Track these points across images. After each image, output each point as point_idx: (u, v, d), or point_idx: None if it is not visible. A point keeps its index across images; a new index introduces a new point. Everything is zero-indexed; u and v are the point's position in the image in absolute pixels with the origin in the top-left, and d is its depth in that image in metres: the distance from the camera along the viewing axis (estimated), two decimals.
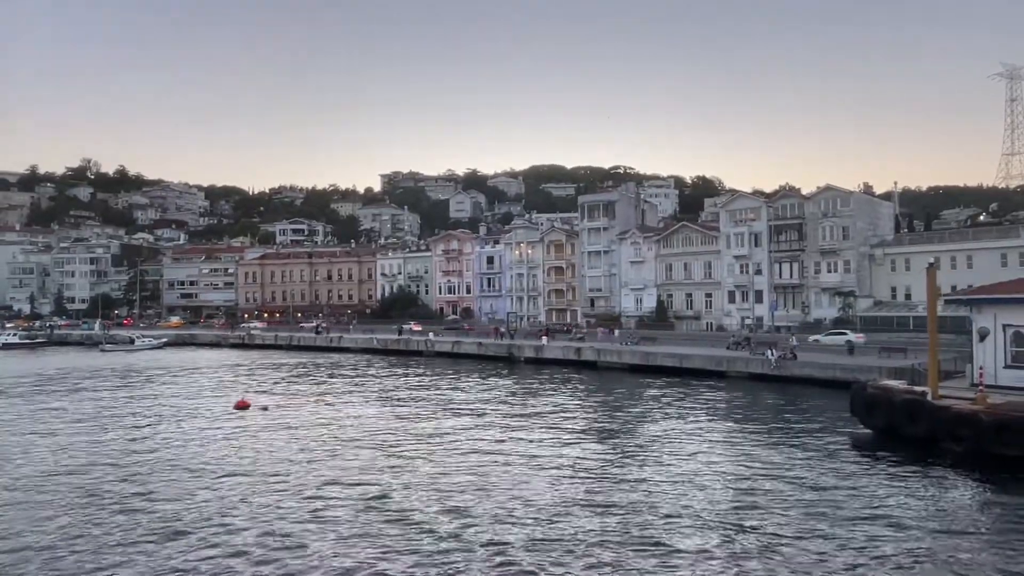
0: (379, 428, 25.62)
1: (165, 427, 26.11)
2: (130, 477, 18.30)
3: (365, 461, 20.28)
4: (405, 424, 26.33)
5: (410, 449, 21.85)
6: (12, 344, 75.96)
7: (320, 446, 22.30)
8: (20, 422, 27.56)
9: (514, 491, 16.69)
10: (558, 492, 16.65)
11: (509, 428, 25.37)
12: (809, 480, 17.40)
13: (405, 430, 25.16)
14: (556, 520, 14.45)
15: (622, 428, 25.48)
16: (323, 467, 19.44)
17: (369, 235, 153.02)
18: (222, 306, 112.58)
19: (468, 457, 20.50)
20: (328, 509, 15.46)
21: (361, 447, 22.23)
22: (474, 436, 23.76)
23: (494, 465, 19.43)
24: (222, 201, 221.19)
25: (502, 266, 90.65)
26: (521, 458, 20.39)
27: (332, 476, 18.42)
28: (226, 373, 46.93)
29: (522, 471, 18.74)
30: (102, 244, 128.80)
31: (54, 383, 41.59)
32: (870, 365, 32.67)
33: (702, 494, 16.28)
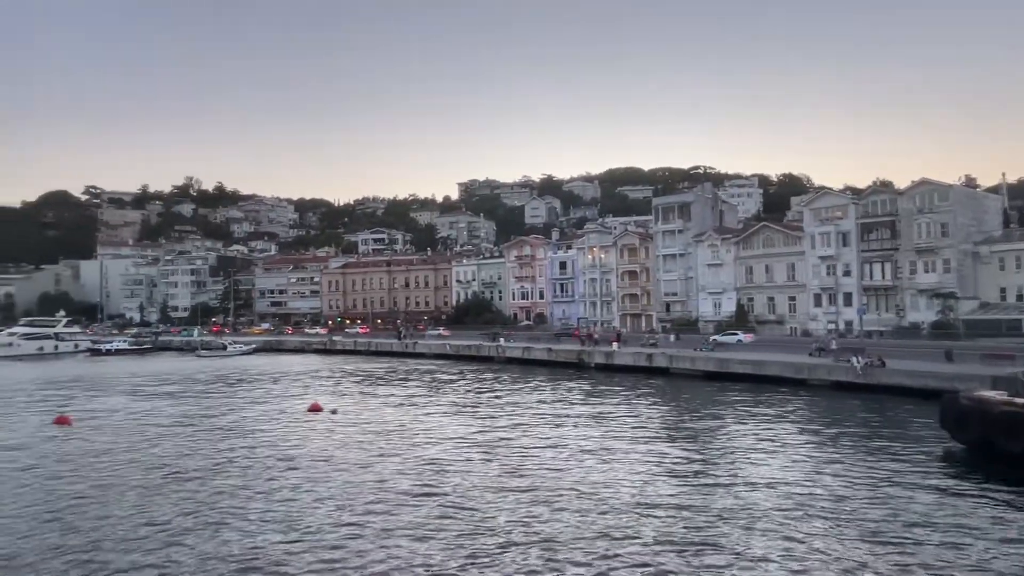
0: (445, 431, 25.93)
1: (243, 426, 27.49)
2: (208, 469, 19.34)
3: (428, 462, 20.57)
4: (471, 428, 26.50)
5: (475, 452, 21.94)
6: (123, 349, 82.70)
7: (382, 448, 22.77)
8: (128, 418, 29.79)
9: (583, 499, 16.37)
10: (630, 501, 16.19)
11: (578, 433, 25.02)
12: (890, 497, 16.07)
13: (471, 433, 25.32)
14: (627, 529, 14.03)
15: (694, 437, 24.54)
16: (382, 466, 19.83)
17: (445, 243, 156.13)
18: (308, 313, 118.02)
19: (533, 461, 20.36)
20: (379, 505, 15.80)
21: (425, 449, 22.57)
22: (540, 440, 23.57)
23: (561, 471, 19.16)
24: (310, 213, 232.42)
25: (574, 271, 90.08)
26: (591, 464, 20.07)
27: (390, 475, 18.78)
28: (306, 378, 48.98)
29: (592, 478, 18.38)
30: (201, 256, 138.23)
31: (158, 385, 44.72)
32: (970, 373, 29.92)
33: (776, 508, 15.37)
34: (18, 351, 74.89)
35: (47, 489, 18.05)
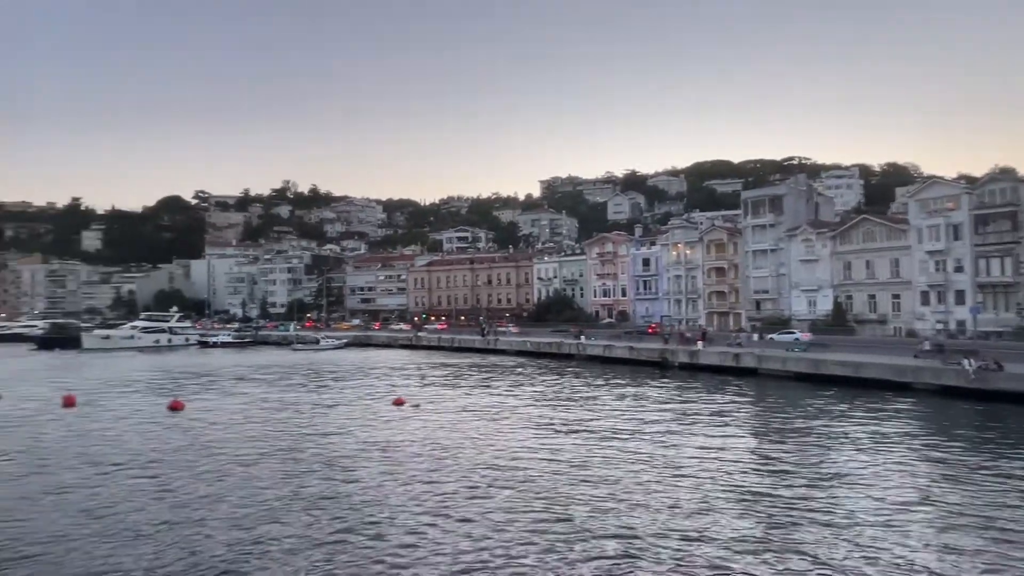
0: (524, 425, 26.15)
1: (333, 417, 28.80)
2: (300, 455, 20.45)
3: (506, 454, 20.89)
4: (550, 422, 26.56)
5: (553, 446, 22.00)
6: (228, 342, 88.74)
7: (461, 440, 23.21)
8: (232, 405, 31.98)
9: (661, 495, 16.10)
10: (710, 501, 15.81)
11: (659, 430, 24.53)
12: (1002, 519, 14.69)
13: (550, 428, 25.40)
14: (706, 528, 13.67)
15: (782, 440, 23.46)
16: (462, 457, 20.25)
17: (527, 240, 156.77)
18: (395, 309, 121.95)
19: (612, 456, 20.16)
20: (458, 493, 16.20)
21: (504, 442, 22.87)
22: (619, 437, 23.28)
23: (640, 467, 18.90)
24: (397, 213, 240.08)
25: (658, 268, 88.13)
26: (671, 462, 19.71)
27: (470, 466, 19.16)
28: (392, 372, 50.64)
29: (672, 476, 18.04)
30: (297, 255, 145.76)
31: (258, 376, 47.64)
32: None
33: (868, 519, 14.47)
34: (138, 343, 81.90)
35: (162, 468, 19.67)
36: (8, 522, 14.69)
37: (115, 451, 22.24)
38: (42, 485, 17.90)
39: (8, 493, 17.12)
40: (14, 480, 18.51)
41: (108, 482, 18.22)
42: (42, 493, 17.12)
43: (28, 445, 23.33)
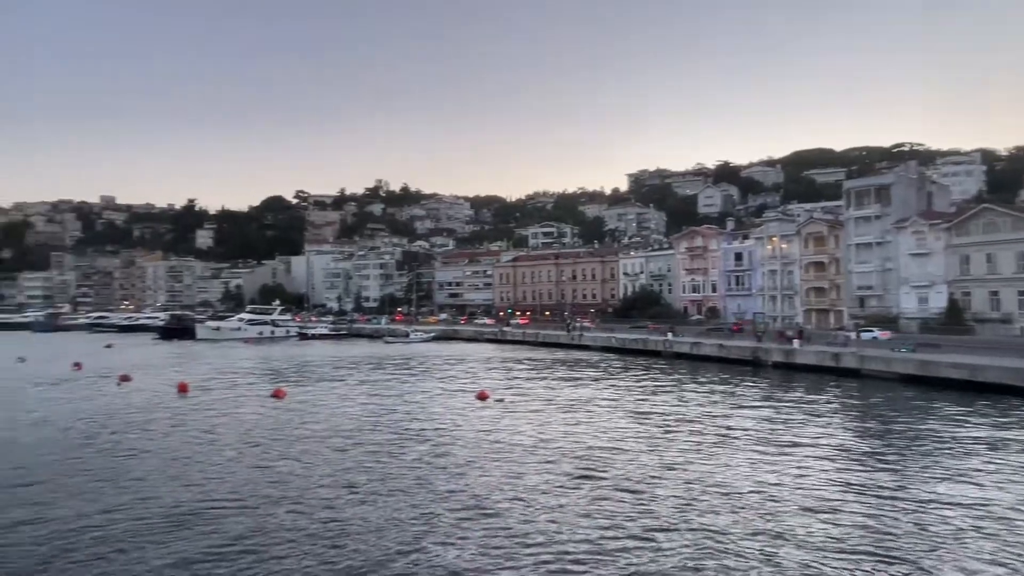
0: (607, 421, 25.90)
1: (421, 408, 29.66)
2: (390, 444, 21.26)
3: (589, 449, 20.81)
4: (635, 419, 26.15)
5: (637, 442, 21.69)
6: (324, 334, 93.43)
7: (544, 433, 23.27)
8: (329, 394, 33.73)
9: (747, 496, 15.56)
10: (800, 505, 15.08)
11: (748, 430, 23.60)
12: None
13: (634, 424, 25.03)
14: (795, 532, 13.08)
15: (883, 446, 21.94)
16: (544, 450, 20.31)
17: (613, 235, 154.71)
18: (482, 304, 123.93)
19: (697, 455, 19.62)
20: (542, 485, 16.25)
21: (586, 436, 22.74)
22: (705, 436, 22.60)
23: (727, 467, 18.27)
24: (484, 209, 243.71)
25: (752, 263, 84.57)
26: (760, 463, 18.89)
27: (553, 459, 19.21)
28: (478, 365, 51.52)
29: (760, 477, 17.32)
30: (388, 251, 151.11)
31: (353, 366, 49.90)
32: None
33: (977, 535, 13.30)
34: (244, 334, 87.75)
35: (263, 450, 21.02)
36: (144, 492, 16.18)
37: (223, 433, 23.95)
38: (163, 461, 19.58)
39: (135, 468, 18.83)
40: (138, 458, 20.31)
41: (216, 459, 19.70)
42: (161, 471, 18.70)
43: (144, 428, 25.53)
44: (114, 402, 31.88)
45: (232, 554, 12.32)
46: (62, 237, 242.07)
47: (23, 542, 12.93)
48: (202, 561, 11.97)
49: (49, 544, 12.77)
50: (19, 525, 13.85)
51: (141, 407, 30.16)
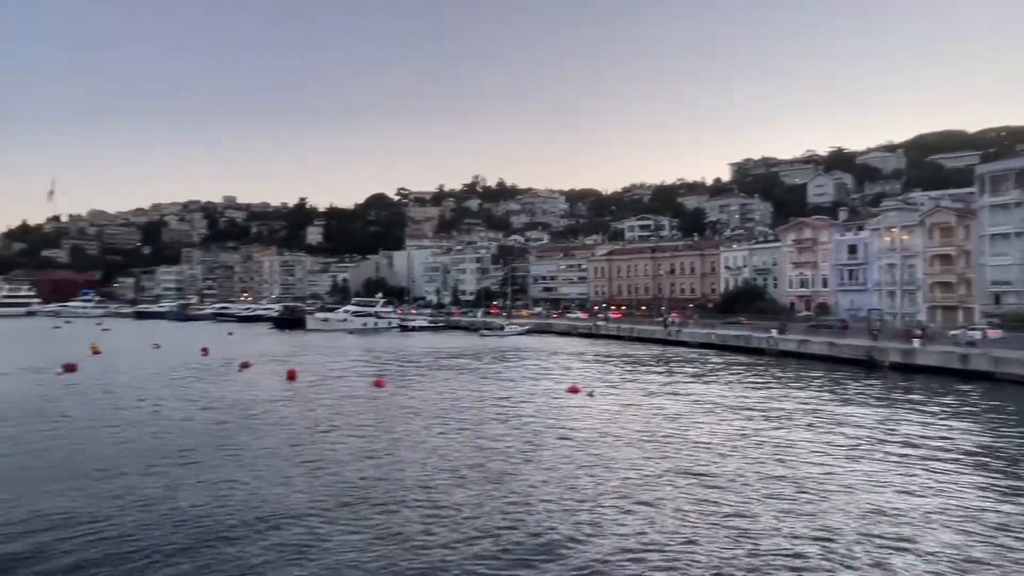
0: (703, 419, 25.14)
1: (513, 400, 30.02)
2: (481, 433, 21.72)
3: (683, 446, 20.32)
4: (732, 417, 25.16)
5: (735, 441, 20.96)
6: (424, 326, 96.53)
7: (636, 430, 22.87)
8: (428, 383, 34.93)
9: (856, 502, 14.62)
10: (915, 512, 14.02)
11: (859, 433, 22.09)
12: None
13: (732, 423, 24.10)
14: (907, 539, 12.19)
15: (1016, 458, 19.81)
16: (637, 447, 19.98)
17: (714, 227, 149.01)
18: (577, 298, 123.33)
19: (801, 457, 18.65)
20: (635, 480, 16.01)
21: (681, 434, 22.19)
22: (811, 438, 21.38)
23: (834, 471, 17.26)
24: (579, 203, 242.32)
25: (867, 256, 78.71)
26: (871, 468, 17.71)
27: (646, 455, 18.89)
28: (570, 359, 51.37)
29: (873, 483, 16.25)
30: (485, 246, 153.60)
31: (450, 358, 51.27)
32: None
33: None
34: (350, 325, 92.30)
35: (366, 435, 22.08)
36: (259, 470, 17.48)
37: (330, 418, 25.35)
38: (277, 442, 21.02)
39: (253, 448, 20.34)
40: (258, 438, 21.89)
41: (322, 441, 20.91)
42: (272, 451, 20.08)
43: (263, 409, 27.45)
44: (236, 387, 34.57)
45: (338, 524, 13.04)
46: (191, 235, 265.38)
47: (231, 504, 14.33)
48: (317, 526, 12.75)
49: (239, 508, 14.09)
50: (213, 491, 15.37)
51: (258, 392, 32.50)
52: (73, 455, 19.14)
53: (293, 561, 11.74)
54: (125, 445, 20.53)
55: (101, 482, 16.32)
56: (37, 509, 14.17)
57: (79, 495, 15.23)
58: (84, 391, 32.01)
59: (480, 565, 11.69)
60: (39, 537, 12.66)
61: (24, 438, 21.30)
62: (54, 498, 14.95)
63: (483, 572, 11.45)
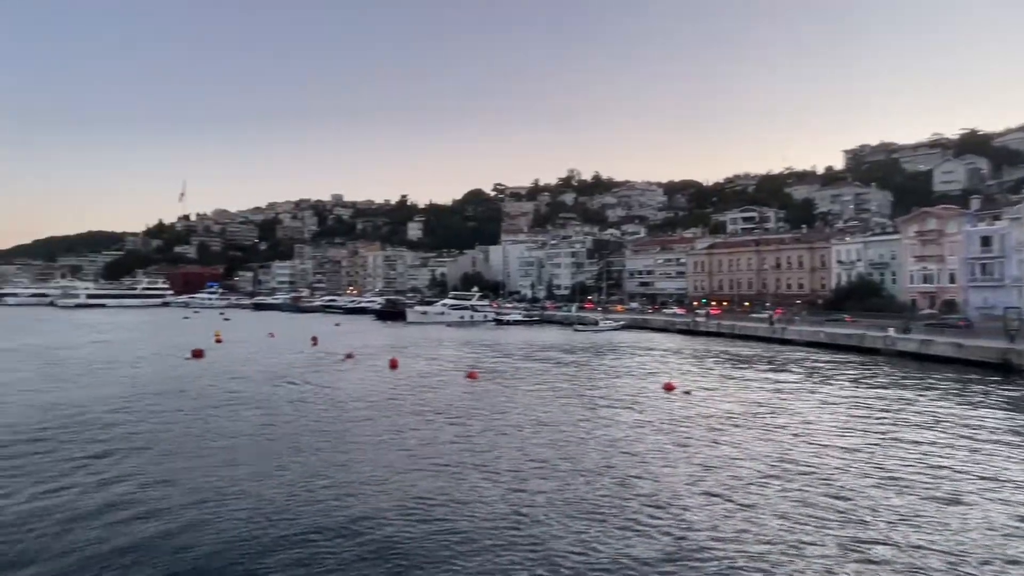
0: (807, 421, 23.79)
1: (606, 396, 29.78)
2: (580, 428, 21.76)
3: (784, 449, 19.41)
4: (839, 421, 23.67)
5: (841, 447, 19.68)
6: (518, 320, 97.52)
7: (734, 430, 22.06)
8: (521, 378, 35.42)
9: (981, 516, 13.43)
10: None
11: (990, 448, 20.15)
12: None
13: (837, 427, 22.67)
14: None
15: None
16: (735, 447, 19.29)
17: (825, 219, 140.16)
18: (674, 294, 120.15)
19: (914, 466, 17.25)
20: (733, 482, 15.50)
21: (781, 436, 21.21)
22: (928, 448, 19.73)
23: (960, 488, 15.86)
24: (678, 195, 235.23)
25: (1004, 248, 71.26)
26: (1005, 484, 16.13)
27: (744, 456, 18.22)
28: (667, 356, 50.19)
29: (1006, 501, 14.82)
30: (579, 240, 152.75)
31: (544, 352, 51.61)
32: None
33: None
34: (447, 318, 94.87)
35: (456, 423, 22.73)
36: (361, 452, 18.50)
37: (429, 405, 26.27)
38: (378, 428, 22.08)
39: (356, 433, 21.47)
40: (357, 423, 23.08)
41: (424, 427, 21.74)
42: (376, 436, 21.09)
43: (367, 395, 28.86)
44: (342, 373, 36.57)
45: (429, 505, 13.56)
46: (303, 231, 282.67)
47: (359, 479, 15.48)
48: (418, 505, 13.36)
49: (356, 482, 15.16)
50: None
51: (363, 379, 34.22)
52: (191, 430, 21.00)
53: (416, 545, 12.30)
54: (240, 423, 22.28)
55: (214, 455, 17.83)
56: (171, 479, 15.71)
57: (199, 465, 16.72)
58: (209, 375, 35.01)
59: (563, 559, 11.74)
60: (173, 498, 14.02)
61: (151, 414, 23.60)
62: (186, 464, 16.51)
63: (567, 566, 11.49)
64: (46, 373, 34.95)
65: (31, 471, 16.30)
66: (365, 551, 11.83)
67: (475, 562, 11.52)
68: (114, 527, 12.72)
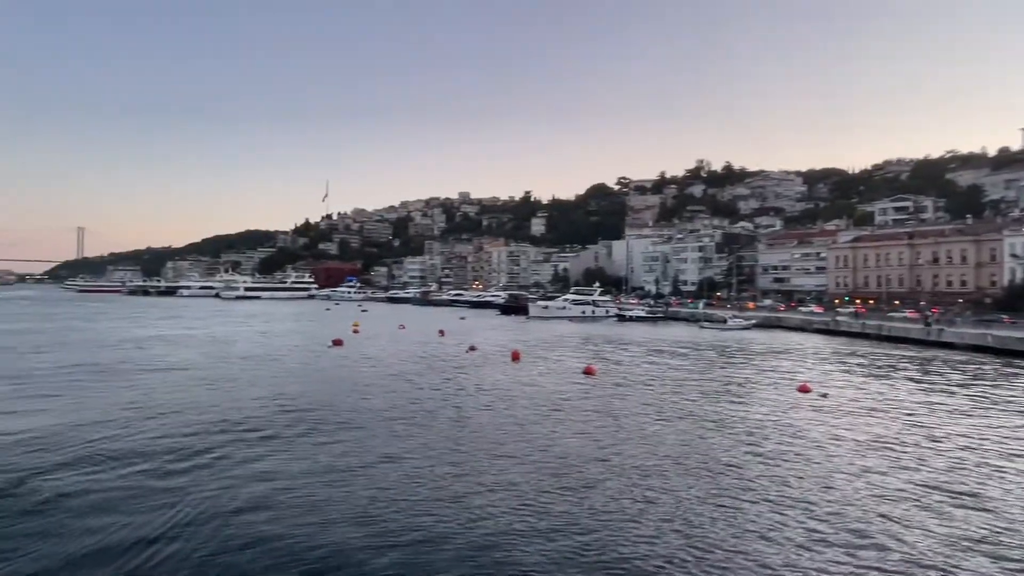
0: (961, 433, 21.31)
1: (730, 395, 28.51)
2: (700, 428, 21.11)
3: (932, 459, 17.62)
4: (993, 437, 20.98)
5: (990, 468, 17.49)
6: (641, 317, 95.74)
7: (873, 437, 20.25)
8: (640, 373, 34.91)
9: None
10: None
11: None
12: None
13: (990, 443, 20.12)
14: None
15: None
16: (871, 455, 17.75)
17: (997, 207, 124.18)
18: (812, 291, 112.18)
19: None
20: (869, 490, 14.29)
21: (927, 447, 19.17)
22: None
23: None
24: (819, 184, 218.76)
25: None
26: None
27: (884, 465, 16.71)
28: (803, 357, 47.05)
29: None
30: (708, 234, 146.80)
31: (667, 349, 50.39)
32: None
33: None
34: (568, 313, 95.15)
35: (581, 418, 22.82)
36: (485, 441, 19.22)
37: (543, 399, 26.60)
38: (502, 419, 22.75)
39: (481, 420, 22.28)
40: (480, 410, 23.89)
41: (541, 419, 22.07)
42: (496, 426, 21.74)
43: (490, 385, 29.75)
44: (467, 363, 37.95)
45: (550, 500, 13.78)
46: (432, 228, 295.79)
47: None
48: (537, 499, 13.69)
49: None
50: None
51: (486, 370, 35.31)
52: (327, 408, 22.75)
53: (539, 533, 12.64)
54: (367, 402, 23.81)
55: (346, 432, 19.20)
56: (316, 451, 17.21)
57: (337, 441, 18.12)
58: (348, 362, 37.76)
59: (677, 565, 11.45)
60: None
61: (299, 394, 25.84)
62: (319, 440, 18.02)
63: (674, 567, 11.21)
64: (219, 356, 39.53)
65: (269, 439, 18.44)
66: (475, 545, 12.17)
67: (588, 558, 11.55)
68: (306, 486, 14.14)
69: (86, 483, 14.62)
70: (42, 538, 11.66)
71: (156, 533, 11.94)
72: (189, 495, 13.92)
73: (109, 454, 16.96)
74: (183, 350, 43.47)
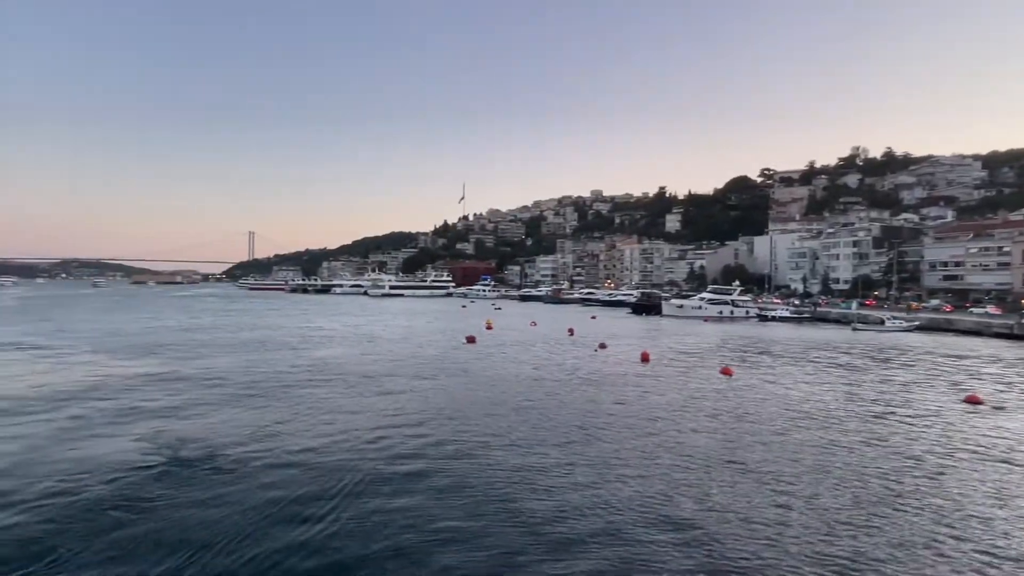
0: None
1: (882, 403, 26.08)
2: (835, 436, 19.67)
3: None
4: None
5: None
6: (785, 317, 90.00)
7: None
8: (779, 377, 33.05)
9: None
10: None
11: None
12: None
13: None
14: None
15: None
16: None
17: None
18: (992, 289, 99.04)
19: None
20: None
21: None
22: None
23: None
24: (1004, 168, 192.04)
25: None
26: None
27: None
28: (976, 364, 41.86)
29: None
30: (863, 228, 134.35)
31: (814, 350, 47.08)
32: None
33: None
34: (705, 312, 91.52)
35: (712, 421, 22.12)
36: (607, 439, 19.33)
37: (673, 401, 25.99)
38: (628, 419, 22.65)
39: (607, 417, 22.34)
40: (607, 409, 23.90)
41: (673, 420, 21.66)
42: (630, 428, 21.65)
43: (619, 384, 29.57)
44: (595, 363, 37.95)
45: (677, 502, 13.61)
46: (564, 227, 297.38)
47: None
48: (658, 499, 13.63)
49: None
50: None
51: (614, 369, 35.15)
52: (457, 400, 23.82)
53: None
54: (492, 393, 24.63)
55: (480, 419, 20.04)
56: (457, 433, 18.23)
57: (472, 423, 19.01)
58: (480, 358, 39.23)
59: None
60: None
61: (432, 389, 27.31)
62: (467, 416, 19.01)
63: None
64: (369, 347, 42.87)
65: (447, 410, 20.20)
66: (597, 539, 12.32)
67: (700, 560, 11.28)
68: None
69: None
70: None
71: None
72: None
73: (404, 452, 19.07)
74: (366, 346, 47.47)
